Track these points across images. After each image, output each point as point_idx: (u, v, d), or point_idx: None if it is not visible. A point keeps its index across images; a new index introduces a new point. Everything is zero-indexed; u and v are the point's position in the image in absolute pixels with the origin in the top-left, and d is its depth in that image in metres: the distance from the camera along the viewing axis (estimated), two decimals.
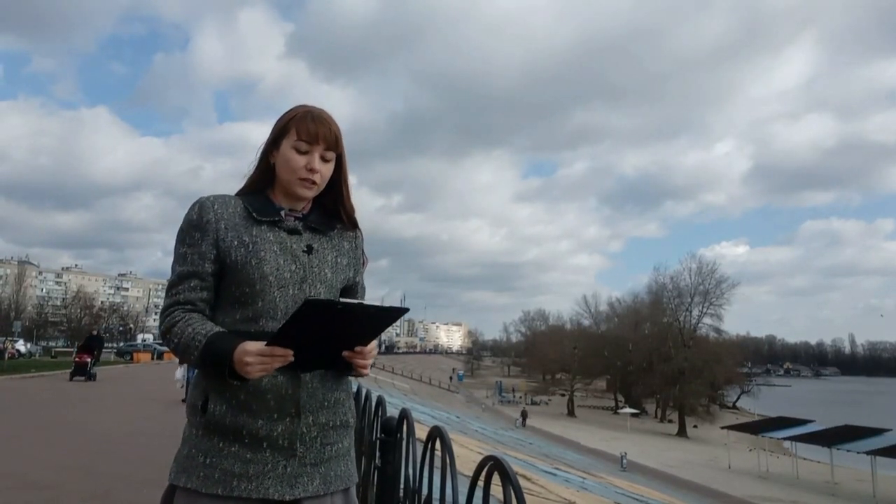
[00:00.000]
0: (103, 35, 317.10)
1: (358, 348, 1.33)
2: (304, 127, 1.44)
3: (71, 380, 18.60)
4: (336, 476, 1.42)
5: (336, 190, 1.53)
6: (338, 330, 1.28)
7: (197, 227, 1.42)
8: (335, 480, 1.41)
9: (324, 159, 1.46)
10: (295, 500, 1.36)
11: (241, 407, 1.35)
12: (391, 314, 1.30)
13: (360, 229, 1.60)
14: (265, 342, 1.26)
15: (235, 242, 1.41)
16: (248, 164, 1.55)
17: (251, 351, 1.25)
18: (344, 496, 1.44)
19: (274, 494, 1.33)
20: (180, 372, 12.47)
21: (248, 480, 1.33)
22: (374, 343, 1.36)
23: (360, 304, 1.27)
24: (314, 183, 1.45)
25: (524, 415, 45.32)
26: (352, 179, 1.59)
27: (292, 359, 1.25)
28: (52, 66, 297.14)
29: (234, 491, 1.32)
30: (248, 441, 1.35)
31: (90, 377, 18.86)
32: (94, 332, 26.17)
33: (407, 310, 1.33)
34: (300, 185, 1.45)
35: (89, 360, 19.22)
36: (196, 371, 1.44)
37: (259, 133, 1.53)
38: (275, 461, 1.35)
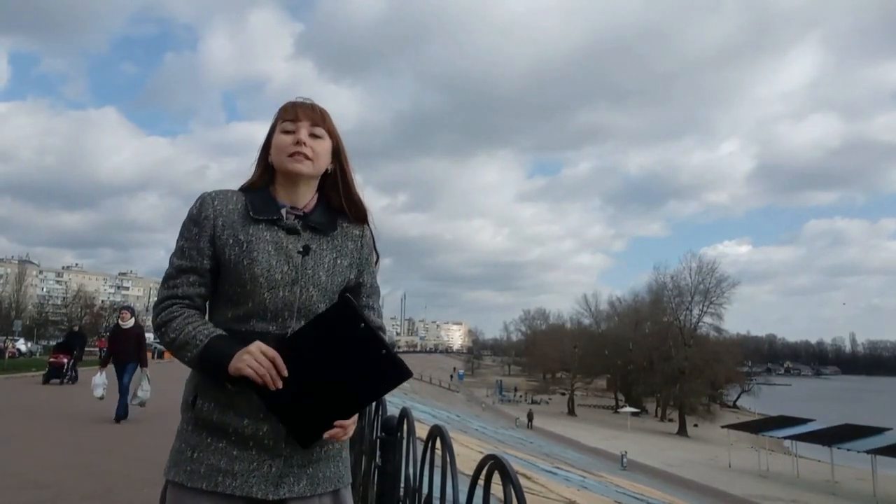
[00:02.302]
0: (116, 36, 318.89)
1: (338, 422, 1.32)
2: (285, 110, 1.48)
3: (45, 383, 16.34)
4: (325, 477, 1.41)
5: (338, 182, 1.52)
6: (342, 362, 1.31)
7: (195, 222, 1.43)
8: (323, 482, 1.41)
9: (313, 135, 1.46)
10: (280, 500, 1.36)
11: (227, 405, 1.36)
12: (395, 371, 1.32)
13: (369, 225, 1.56)
14: (275, 346, 1.30)
15: (230, 241, 1.41)
16: (252, 163, 1.54)
17: (257, 347, 1.29)
18: (333, 498, 1.43)
19: (258, 493, 1.33)
20: (99, 378, 9.58)
21: (232, 477, 1.33)
22: (353, 419, 1.36)
23: (378, 336, 1.31)
24: (305, 156, 1.44)
25: (530, 416, 44.31)
26: (357, 178, 1.56)
27: (280, 384, 1.28)
28: (63, 66, 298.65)
29: (218, 486, 1.32)
30: (234, 438, 1.36)
31: (70, 379, 16.77)
32: (75, 328, 24.30)
33: (410, 375, 1.37)
34: (291, 161, 1.44)
35: (66, 360, 16.92)
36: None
37: (266, 133, 1.55)
38: (261, 460, 1.35)
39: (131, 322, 9.75)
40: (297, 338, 1.34)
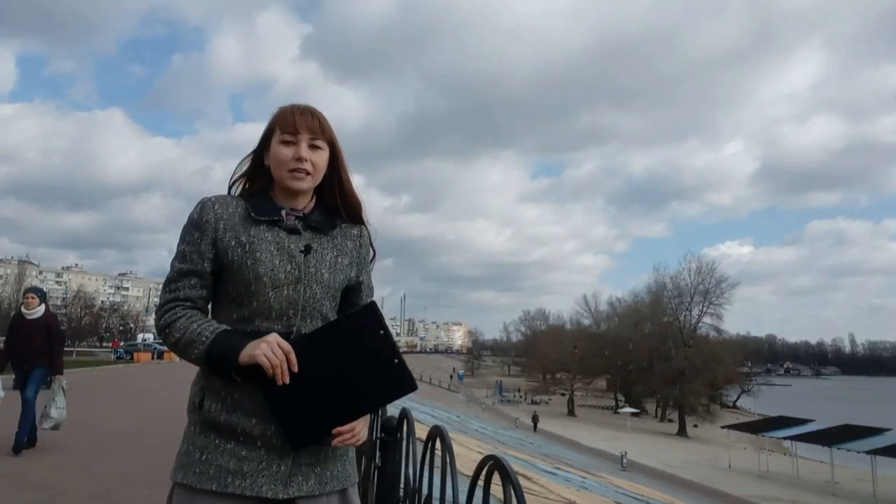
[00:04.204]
0: (125, 37, 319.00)
1: (347, 426, 1.36)
2: (284, 120, 1.47)
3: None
4: (332, 476, 1.42)
5: (333, 185, 1.53)
6: (353, 365, 1.33)
7: (197, 226, 1.44)
8: (331, 481, 1.42)
9: (313, 146, 1.46)
10: (290, 500, 1.36)
11: (235, 405, 1.37)
12: (404, 381, 1.36)
13: (366, 225, 1.59)
14: (291, 342, 1.32)
15: (233, 242, 1.42)
16: (243, 159, 1.55)
17: (275, 339, 1.32)
18: (341, 497, 1.44)
19: (267, 493, 1.34)
20: None
21: (242, 477, 1.34)
22: (363, 425, 1.40)
23: (394, 344, 1.35)
24: (306, 172, 1.45)
25: (535, 419, 43.49)
26: (360, 179, 1.57)
27: (287, 380, 1.30)
28: (71, 68, 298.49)
29: (227, 487, 1.33)
30: (242, 439, 1.36)
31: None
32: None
33: (415, 387, 1.40)
34: (292, 177, 1.45)
35: None
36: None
37: (261, 135, 1.54)
38: (269, 459, 1.36)
39: (40, 310, 6.95)
40: (314, 336, 1.36)
